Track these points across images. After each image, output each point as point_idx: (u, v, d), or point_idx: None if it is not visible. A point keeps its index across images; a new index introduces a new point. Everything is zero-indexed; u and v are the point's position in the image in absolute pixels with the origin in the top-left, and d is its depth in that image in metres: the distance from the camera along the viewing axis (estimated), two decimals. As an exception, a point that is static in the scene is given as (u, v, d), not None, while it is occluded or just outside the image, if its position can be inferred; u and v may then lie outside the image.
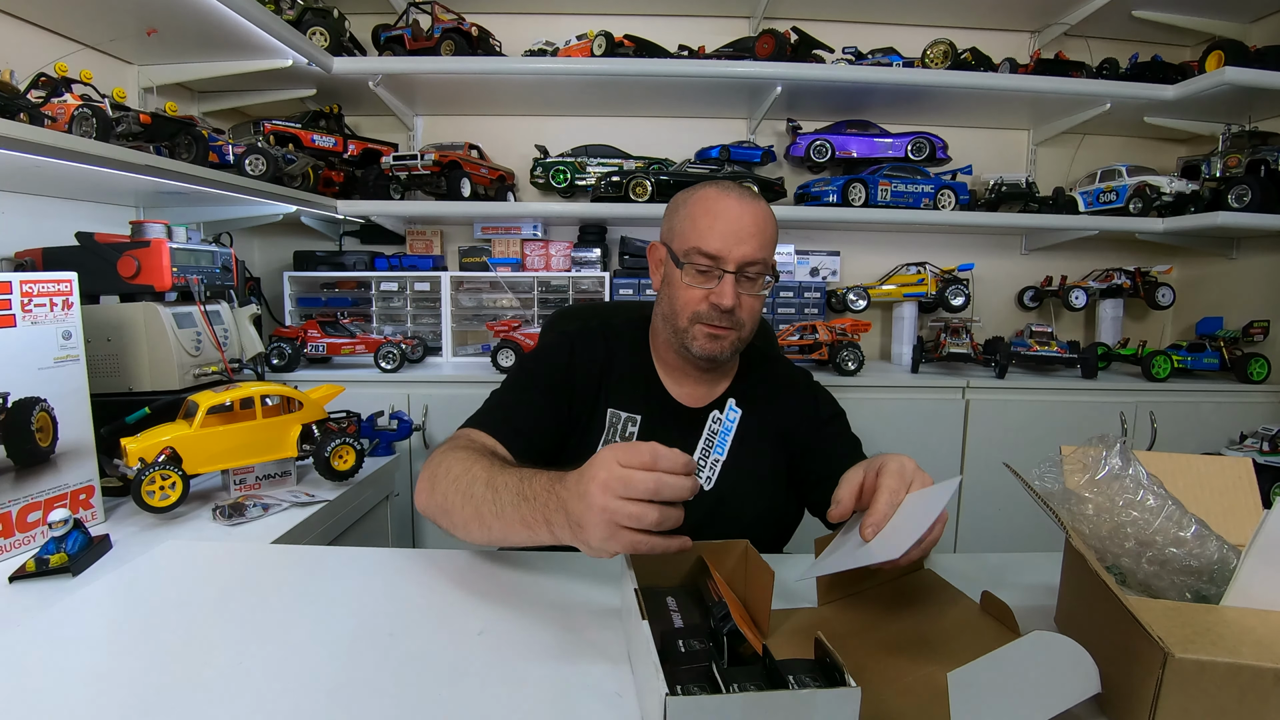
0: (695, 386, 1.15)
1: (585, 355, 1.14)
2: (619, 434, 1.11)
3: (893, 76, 2.25)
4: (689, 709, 0.46)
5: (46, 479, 1.04)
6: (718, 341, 1.06)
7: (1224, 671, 0.46)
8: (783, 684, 0.50)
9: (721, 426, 1.13)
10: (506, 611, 0.75)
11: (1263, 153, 2.17)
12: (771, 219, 1.08)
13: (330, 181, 2.31)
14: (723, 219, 1.03)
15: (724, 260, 1.02)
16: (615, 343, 1.18)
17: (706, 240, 1.03)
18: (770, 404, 1.16)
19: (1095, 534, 0.67)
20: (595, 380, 1.13)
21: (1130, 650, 0.52)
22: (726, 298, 1.02)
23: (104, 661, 0.65)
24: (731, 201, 1.05)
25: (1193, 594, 0.62)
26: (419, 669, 0.64)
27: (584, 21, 2.43)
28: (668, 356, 1.16)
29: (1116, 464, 0.69)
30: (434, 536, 2.01)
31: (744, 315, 1.06)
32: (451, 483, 0.85)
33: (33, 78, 1.41)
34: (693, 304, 1.06)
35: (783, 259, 2.56)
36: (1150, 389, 2.19)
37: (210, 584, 0.83)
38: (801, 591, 0.81)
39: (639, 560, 0.70)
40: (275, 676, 0.62)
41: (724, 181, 1.10)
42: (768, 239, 1.05)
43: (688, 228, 1.06)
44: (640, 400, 1.13)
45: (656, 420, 1.11)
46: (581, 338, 1.17)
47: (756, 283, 1.06)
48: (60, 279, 1.06)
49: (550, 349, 1.17)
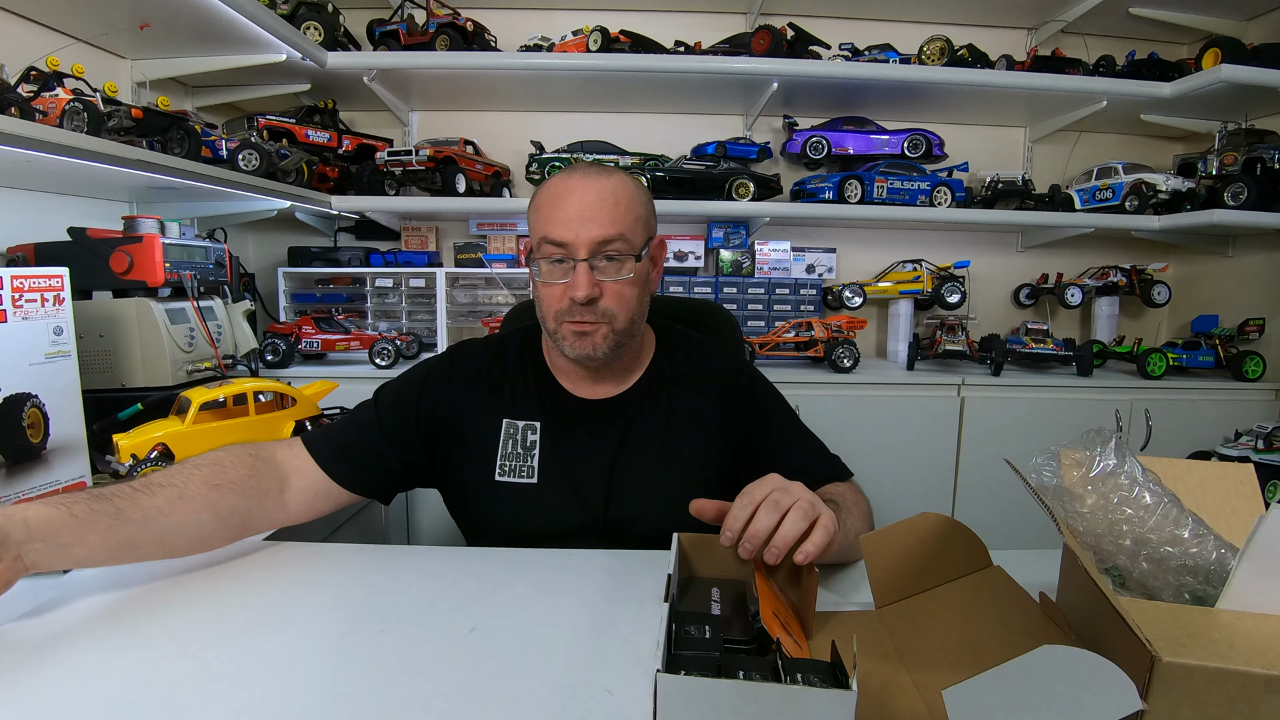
0: (599, 382, 1.07)
1: (441, 397, 1.06)
2: (519, 444, 1.03)
3: (889, 73, 2.25)
4: (677, 687, 0.47)
5: (38, 475, 1.03)
6: (586, 339, 0.97)
7: (1213, 676, 0.45)
8: (781, 679, 0.49)
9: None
10: (498, 609, 0.75)
11: (1259, 150, 2.17)
12: (627, 191, 0.96)
13: (325, 177, 2.31)
14: (567, 202, 0.94)
15: (573, 247, 0.93)
16: (501, 353, 1.10)
17: (552, 228, 0.94)
18: (697, 392, 1.08)
19: (1090, 531, 0.67)
20: (464, 411, 1.05)
21: (1119, 652, 0.51)
22: (580, 288, 0.93)
23: (94, 659, 0.65)
24: (575, 181, 0.95)
25: (1191, 595, 0.61)
26: (410, 666, 0.63)
27: (580, 17, 2.42)
28: (559, 362, 1.08)
29: (1111, 461, 0.69)
30: (427, 534, 2.00)
31: (611, 305, 0.96)
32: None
33: (23, 71, 1.40)
34: (554, 302, 0.97)
35: (779, 255, 2.56)
36: (1146, 386, 2.19)
37: (202, 581, 0.82)
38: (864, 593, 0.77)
39: (693, 550, 0.72)
40: (266, 673, 0.62)
41: (577, 163, 1.00)
42: (623, 213, 0.95)
43: (536, 219, 0.98)
44: (536, 405, 1.05)
45: (558, 424, 1.04)
46: (430, 383, 1.07)
47: (621, 265, 0.96)
48: (52, 274, 1.05)
49: (405, 386, 1.07)
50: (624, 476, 1.02)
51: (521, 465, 1.03)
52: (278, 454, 0.95)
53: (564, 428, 1.04)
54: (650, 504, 1.01)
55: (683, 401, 1.07)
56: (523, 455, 1.03)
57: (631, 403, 1.06)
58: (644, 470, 1.03)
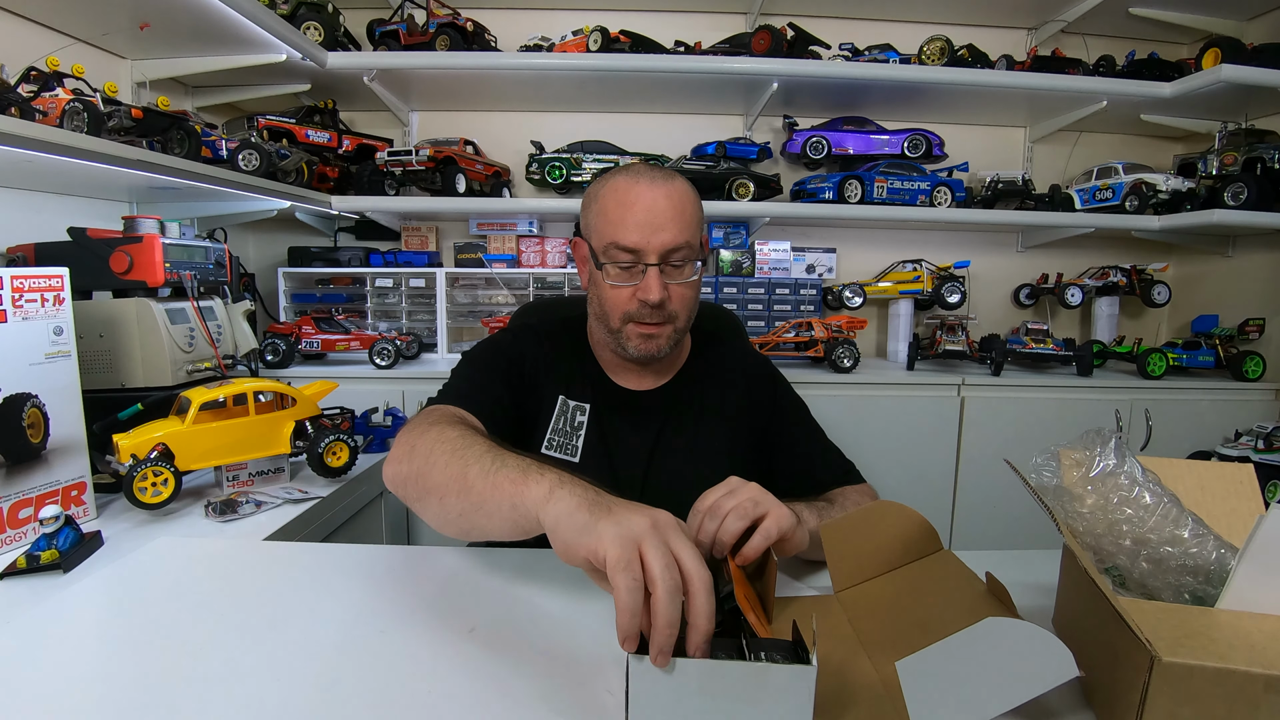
0: (642, 376, 1.13)
1: (530, 347, 1.13)
2: (569, 421, 1.09)
3: (889, 73, 2.25)
4: (649, 668, 0.50)
5: (38, 475, 1.03)
6: (653, 340, 1.03)
7: (1212, 676, 0.46)
8: (746, 658, 0.52)
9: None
10: (498, 609, 0.75)
11: (1259, 150, 2.18)
12: (690, 197, 1.01)
13: (325, 177, 2.31)
14: (636, 208, 0.97)
15: (644, 253, 0.97)
16: (555, 339, 1.15)
17: (622, 234, 0.97)
18: (727, 387, 1.14)
19: (1090, 531, 0.67)
20: (541, 369, 1.11)
21: (1119, 652, 0.51)
22: (653, 292, 0.97)
23: (94, 659, 0.65)
24: (643, 188, 0.98)
25: (1191, 595, 0.61)
26: (410, 666, 0.63)
27: (580, 17, 2.42)
28: (605, 354, 1.13)
29: (1111, 461, 0.69)
30: (427, 535, 2.00)
31: (676, 306, 1.02)
32: (443, 444, 0.78)
33: (23, 71, 1.40)
34: (621, 304, 1.01)
35: (779, 255, 2.56)
36: (1146, 387, 2.19)
37: (202, 581, 0.82)
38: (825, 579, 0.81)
39: None
40: (266, 673, 0.62)
41: (636, 166, 1.04)
42: (688, 220, 0.99)
43: (602, 222, 1.01)
44: (588, 390, 1.11)
45: (605, 410, 1.10)
46: (523, 332, 1.16)
47: (684, 269, 1.01)
48: (52, 274, 1.05)
49: (498, 341, 1.14)
50: (660, 466, 1.08)
51: (567, 443, 1.08)
52: (462, 414, 0.93)
53: (610, 415, 1.10)
54: (683, 493, 1.06)
55: (714, 396, 1.13)
56: (570, 434, 1.09)
57: (669, 396, 1.13)
58: (678, 462, 1.09)
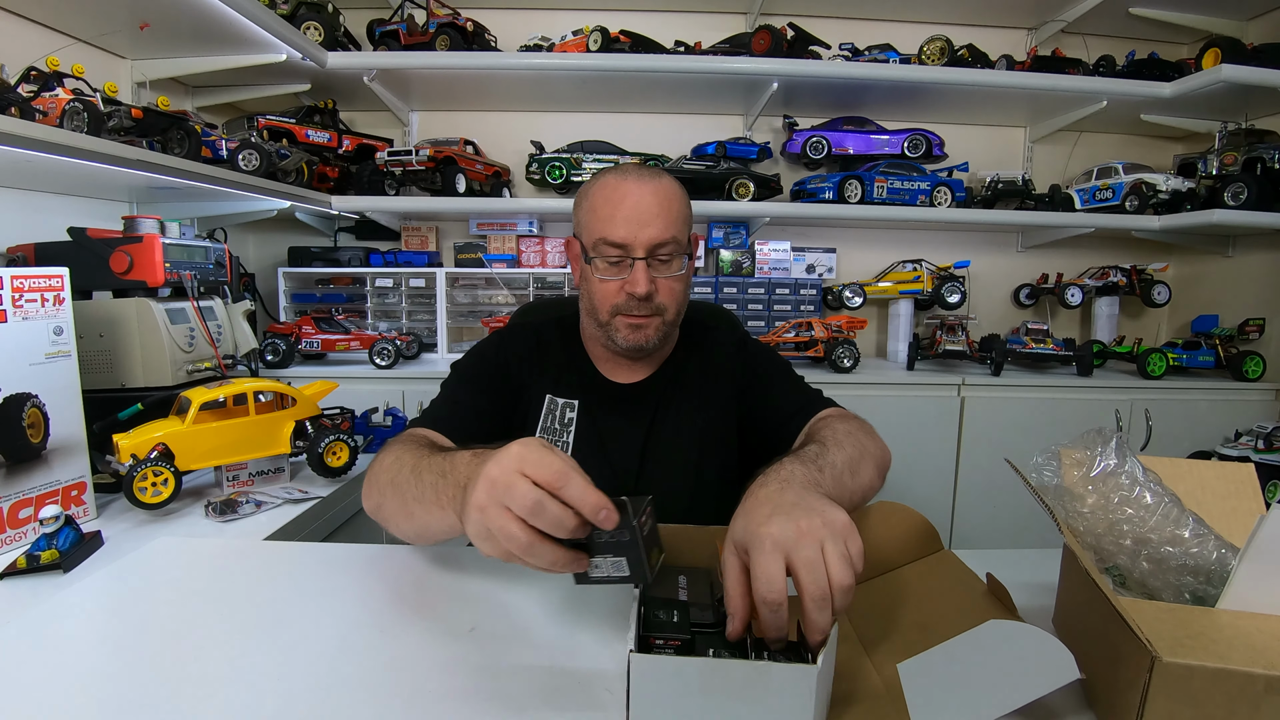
0: (632, 369, 1.16)
1: (519, 347, 1.16)
2: (557, 419, 1.12)
3: (889, 73, 2.25)
4: (650, 666, 0.49)
5: (38, 475, 1.03)
6: (640, 331, 1.06)
7: (1213, 677, 0.46)
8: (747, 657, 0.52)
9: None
10: (498, 608, 0.75)
11: (1259, 150, 2.18)
12: (677, 194, 1.05)
13: (325, 177, 2.31)
14: (624, 204, 1.01)
15: (632, 247, 1.01)
16: (545, 336, 1.18)
17: (610, 229, 1.01)
18: (715, 372, 1.17)
19: (1091, 531, 0.67)
20: (528, 370, 1.14)
21: (1120, 652, 0.51)
22: (640, 285, 1.01)
23: (95, 658, 0.65)
24: (631, 185, 1.02)
25: (1191, 595, 0.61)
26: (410, 665, 0.63)
27: (580, 17, 2.42)
28: (596, 349, 1.17)
29: (1112, 461, 0.69)
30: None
31: (664, 299, 1.05)
32: (385, 475, 0.84)
33: (23, 71, 1.40)
34: (610, 297, 1.05)
35: (779, 255, 2.56)
36: (1146, 387, 2.19)
37: (202, 581, 0.82)
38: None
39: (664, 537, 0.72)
40: (266, 673, 0.62)
41: (625, 165, 1.08)
42: (675, 217, 1.03)
43: (592, 219, 1.05)
44: (576, 386, 1.14)
45: (596, 404, 1.13)
46: (515, 331, 1.19)
47: (671, 264, 1.05)
48: (52, 274, 1.05)
49: (483, 350, 1.18)
50: (655, 454, 1.11)
51: (557, 440, 1.11)
52: (424, 435, 0.97)
53: (600, 408, 1.13)
54: (679, 479, 1.11)
55: (699, 382, 1.16)
56: (559, 431, 1.12)
57: (659, 385, 1.15)
58: (672, 448, 1.12)
